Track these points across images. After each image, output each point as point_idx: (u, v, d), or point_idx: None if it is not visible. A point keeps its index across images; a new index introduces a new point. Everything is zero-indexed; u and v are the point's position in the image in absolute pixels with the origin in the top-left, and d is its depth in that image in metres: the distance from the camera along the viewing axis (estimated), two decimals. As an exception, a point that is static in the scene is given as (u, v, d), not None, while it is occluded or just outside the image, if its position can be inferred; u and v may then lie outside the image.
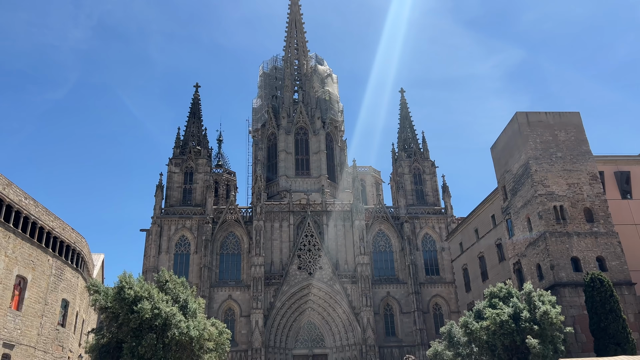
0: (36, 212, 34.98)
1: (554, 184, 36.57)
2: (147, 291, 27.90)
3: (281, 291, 57.31)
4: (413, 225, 63.52)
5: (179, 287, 30.65)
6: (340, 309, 57.51)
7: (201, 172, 64.86)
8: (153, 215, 60.28)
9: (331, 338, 57.32)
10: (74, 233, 40.34)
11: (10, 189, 32.30)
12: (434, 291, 60.65)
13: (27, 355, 33.18)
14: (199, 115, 71.08)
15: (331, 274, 58.53)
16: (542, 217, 35.65)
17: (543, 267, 35.65)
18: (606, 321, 29.21)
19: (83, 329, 44.28)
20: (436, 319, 58.21)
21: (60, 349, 37.44)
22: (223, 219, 61.21)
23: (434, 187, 67.65)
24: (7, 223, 31.72)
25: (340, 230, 62.31)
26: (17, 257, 32.61)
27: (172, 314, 26.75)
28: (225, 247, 60.95)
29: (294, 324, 58.04)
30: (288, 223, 61.92)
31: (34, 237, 34.51)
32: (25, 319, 33.13)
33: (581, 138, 38.23)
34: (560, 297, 32.67)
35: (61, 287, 37.78)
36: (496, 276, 43.75)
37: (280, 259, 59.99)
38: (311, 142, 71.20)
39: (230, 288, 58.12)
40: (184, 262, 58.88)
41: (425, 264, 62.24)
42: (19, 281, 33.01)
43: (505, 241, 42.62)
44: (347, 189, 69.34)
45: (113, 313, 27.33)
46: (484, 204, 48.13)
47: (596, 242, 34.92)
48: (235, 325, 55.32)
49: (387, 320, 58.98)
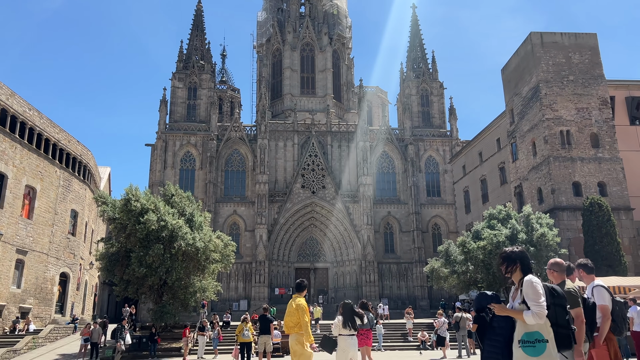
0: (41, 123, 34.99)
1: (563, 108, 36.06)
2: (153, 204, 28.45)
3: (285, 208, 58.50)
4: (417, 148, 63.50)
5: (185, 201, 31.23)
6: (342, 226, 58.99)
7: (205, 88, 63.95)
8: (158, 130, 60.27)
9: (332, 253, 59.31)
10: (79, 145, 40.59)
11: (14, 100, 32.09)
12: (434, 212, 61.82)
13: (41, 261, 34.63)
14: (202, 29, 68.87)
15: (334, 193, 59.40)
16: (548, 142, 35.49)
17: (544, 191, 36.02)
18: (601, 244, 29.99)
19: (93, 238, 45.85)
20: (435, 239, 59.79)
21: (72, 256, 39.00)
22: (227, 136, 61.19)
23: (441, 109, 66.82)
24: (13, 133, 31.83)
25: (345, 150, 62.42)
26: (25, 168, 33.06)
27: (178, 226, 27.43)
28: (230, 164, 61.46)
29: (297, 240, 59.83)
30: (292, 142, 61.92)
31: (40, 148, 34.77)
32: (37, 227, 34.20)
33: (595, 61, 37.14)
34: (558, 221, 33.33)
35: (69, 197, 38.62)
36: (497, 199, 44.36)
37: (285, 178, 60.66)
38: (317, 60, 69.38)
39: (235, 204, 59.32)
40: (189, 178, 59.67)
41: (427, 185, 62.93)
42: (28, 191, 33.71)
43: (509, 165, 42.78)
44: (352, 109, 68.56)
45: (121, 224, 28.03)
46: (490, 127, 47.79)
47: (599, 167, 35.02)
48: (240, 239, 57.08)
49: (386, 239, 60.67)
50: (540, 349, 3.84)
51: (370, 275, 56.17)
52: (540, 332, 3.91)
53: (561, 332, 3.93)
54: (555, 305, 3.98)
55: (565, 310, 3.94)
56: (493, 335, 4.06)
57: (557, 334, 3.93)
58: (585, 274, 6.22)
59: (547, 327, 3.92)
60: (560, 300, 3.99)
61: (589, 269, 6.33)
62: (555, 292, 4.04)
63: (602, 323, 5.83)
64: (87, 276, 43.96)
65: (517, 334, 3.94)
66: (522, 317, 3.85)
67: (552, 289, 4.06)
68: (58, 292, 37.37)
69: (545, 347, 3.87)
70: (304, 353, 8.06)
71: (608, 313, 5.87)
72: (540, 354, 3.84)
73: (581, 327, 5.15)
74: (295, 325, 8.27)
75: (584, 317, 5.27)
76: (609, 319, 5.88)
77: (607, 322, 5.85)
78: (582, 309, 5.33)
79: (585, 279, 6.26)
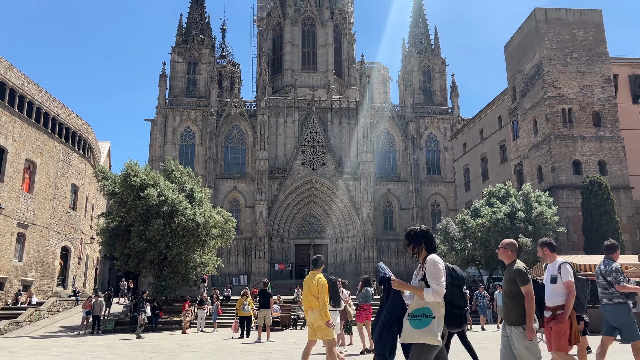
0: (40, 97, 34.78)
1: (565, 86, 35.80)
2: (153, 179, 28.46)
3: (285, 185, 58.59)
4: (418, 125, 63.26)
5: (185, 177, 31.23)
6: (342, 203, 59.17)
7: (205, 63, 63.36)
8: (157, 105, 59.95)
9: (331, 230, 59.62)
10: (79, 120, 40.43)
11: (12, 73, 31.83)
12: (434, 189, 61.95)
13: (42, 235, 34.83)
14: (201, 2, 67.87)
15: (334, 170, 59.41)
16: (549, 120, 35.34)
17: (544, 169, 36.02)
18: (599, 222, 30.12)
19: (93, 212, 46.03)
20: (434, 216, 60.05)
21: (72, 230, 39.21)
22: (227, 112, 60.89)
23: (443, 86, 66.34)
24: (12, 107, 31.67)
25: (345, 127, 62.18)
26: (25, 142, 32.99)
27: (178, 202, 27.48)
28: (230, 139, 61.31)
29: (297, 216, 60.09)
30: (293, 119, 61.65)
31: (40, 122, 34.63)
32: (37, 201, 34.30)
33: (600, 38, 36.71)
34: (557, 199, 33.40)
35: (70, 172, 38.64)
36: (496, 177, 44.38)
37: (285, 154, 60.57)
38: (318, 35, 68.54)
39: (235, 180, 59.39)
40: (189, 153, 59.61)
41: (427, 163, 62.91)
42: (28, 165, 33.70)
43: (509, 143, 42.68)
44: (353, 85, 68.01)
45: (121, 199, 28.08)
46: (491, 105, 47.52)
47: (600, 146, 34.95)
48: (240, 214, 57.31)
49: (386, 216, 60.94)
50: (425, 323, 3.97)
51: (370, 251, 56.61)
52: (430, 309, 4.02)
53: (455, 312, 4.09)
54: (452, 285, 4.10)
55: (461, 291, 4.07)
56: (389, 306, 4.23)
57: (452, 313, 4.08)
58: (549, 252, 6.38)
59: (439, 305, 4.02)
60: (458, 281, 4.13)
61: (553, 248, 6.49)
62: (455, 272, 4.17)
63: (567, 299, 5.99)
64: (88, 250, 44.29)
65: (410, 307, 4.06)
66: (421, 294, 3.95)
67: (452, 269, 4.18)
68: (59, 265, 37.70)
69: (430, 322, 3.98)
70: (326, 328, 8.34)
71: (574, 289, 6.01)
72: (423, 327, 3.96)
73: (531, 304, 5.39)
74: (316, 300, 8.55)
75: (533, 294, 5.47)
76: (574, 295, 6.02)
77: (572, 298, 5.99)
78: (531, 286, 5.52)
79: (549, 257, 6.41)
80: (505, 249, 5.88)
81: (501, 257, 5.95)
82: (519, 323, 5.44)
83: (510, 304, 5.61)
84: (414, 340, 4.00)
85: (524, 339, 5.40)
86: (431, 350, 4.08)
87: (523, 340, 5.40)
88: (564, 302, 6.09)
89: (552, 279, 6.26)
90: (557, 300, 6.16)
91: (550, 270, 6.36)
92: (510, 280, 5.68)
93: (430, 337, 3.96)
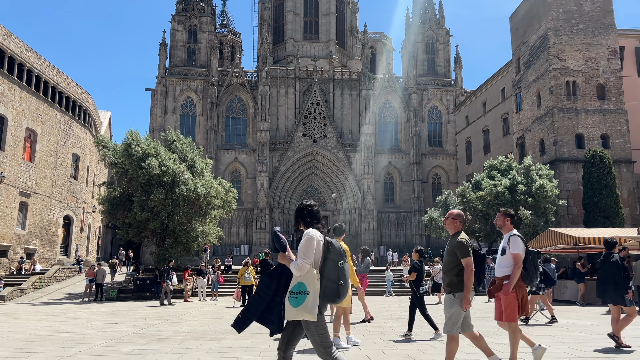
0: (39, 65, 34.44)
1: (571, 58, 35.34)
2: (154, 149, 28.44)
3: (286, 156, 58.51)
4: (421, 97, 62.74)
5: (186, 147, 31.19)
6: (343, 175, 59.20)
7: (205, 31, 62.44)
8: (157, 74, 59.40)
9: (332, 202, 59.83)
10: (79, 89, 40.12)
11: (11, 40, 31.43)
12: (435, 162, 61.87)
13: (44, 204, 35.00)
14: (202, -31, 66.43)
15: (335, 142, 59.23)
16: (553, 92, 35.02)
17: (546, 142, 35.88)
18: (600, 196, 30.17)
19: (95, 182, 46.14)
20: (434, 189, 60.16)
21: (74, 199, 39.39)
22: (228, 82, 60.34)
23: (447, 57, 65.49)
24: (11, 75, 31.39)
25: (347, 99, 61.71)
26: (25, 110, 32.82)
27: (179, 172, 27.53)
28: (231, 110, 60.95)
29: (298, 188, 60.21)
30: (294, 89, 61.12)
31: (39, 91, 34.38)
32: (39, 170, 34.34)
33: (607, 9, 36.05)
34: (558, 172, 33.39)
35: (70, 141, 38.57)
36: (498, 150, 44.28)
37: (286, 126, 60.29)
38: (321, 3, 67.33)
39: (236, 151, 59.29)
40: (190, 124, 59.36)
41: (429, 135, 62.64)
42: (28, 134, 33.62)
43: (512, 115, 42.42)
44: (356, 56, 67.18)
45: (122, 168, 28.12)
46: (495, 77, 47.05)
47: (604, 119, 34.73)
48: (241, 186, 57.44)
49: (386, 188, 61.05)
50: (300, 300, 4.01)
51: (370, 223, 56.93)
52: (304, 284, 4.05)
53: (330, 285, 4.10)
54: (328, 259, 4.13)
55: (337, 264, 4.09)
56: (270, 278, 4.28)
57: (326, 287, 4.09)
58: (509, 224, 6.44)
59: (313, 280, 4.06)
60: (334, 256, 4.15)
61: (513, 220, 6.60)
62: (332, 246, 4.18)
63: (513, 270, 6.06)
64: (90, 219, 44.58)
65: (291, 284, 4.11)
66: (288, 264, 4.04)
67: (330, 243, 4.18)
68: (62, 234, 38.01)
69: (305, 299, 4.01)
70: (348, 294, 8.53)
71: (520, 261, 6.08)
72: (299, 305, 4.01)
73: (470, 276, 5.58)
74: None
75: (473, 266, 5.65)
76: (520, 267, 6.08)
77: (518, 270, 6.06)
78: (471, 258, 5.68)
79: (507, 227, 6.46)
80: (454, 219, 6.00)
81: (448, 227, 6.07)
82: (452, 290, 5.67)
83: (448, 273, 5.81)
84: (293, 318, 4.07)
85: (452, 306, 5.64)
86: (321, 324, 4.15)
87: (450, 307, 5.64)
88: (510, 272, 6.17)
89: (502, 250, 6.36)
90: (504, 271, 6.24)
91: (503, 242, 6.44)
92: (451, 251, 5.82)
93: (306, 314, 4.02)
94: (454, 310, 5.61)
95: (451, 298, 5.68)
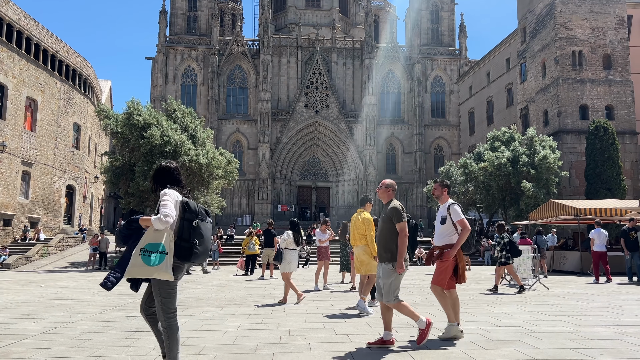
0: (38, 33, 33.98)
1: (577, 27, 34.74)
2: (155, 118, 28.32)
3: (287, 127, 58.27)
4: (424, 67, 62.00)
5: (188, 117, 31.04)
6: (344, 146, 59.06)
7: (206, -1, 61.39)
8: (158, 43, 58.66)
9: (334, 173, 59.88)
10: (78, 57, 39.69)
11: (9, 7, 30.93)
12: (438, 133, 61.59)
13: (46, 173, 35.08)
14: None
15: (337, 113, 58.87)
16: (558, 62, 34.56)
17: (550, 113, 35.61)
18: (602, 167, 30.10)
19: (96, 151, 46.11)
20: (436, 160, 60.08)
21: (76, 169, 39.44)
22: (229, 50, 59.61)
23: (451, 26, 64.43)
24: (10, 43, 31.01)
25: (350, 68, 61.02)
26: (25, 79, 32.55)
27: (181, 142, 27.47)
28: (232, 80, 60.40)
29: (299, 159, 60.17)
30: (296, 59, 60.41)
31: (39, 59, 34.02)
32: (40, 139, 34.29)
33: (617, -24, 35.24)
34: (561, 144, 33.24)
35: (71, 111, 38.38)
36: (502, 121, 43.99)
37: (288, 96, 59.83)
38: (323, -30, 65.97)
39: (237, 121, 59.02)
40: (191, 93, 58.94)
41: (432, 106, 62.17)
42: (29, 103, 33.42)
43: (516, 86, 41.98)
44: (359, 24, 66.14)
45: (124, 138, 28.03)
46: (500, 46, 46.37)
47: (609, 90, 34.36)
48: (243, 156, 57.43)
49: (388, 159, 60.98)
50: (157, 259, 4.01)
51: (371, 194, 57.03)
52: (163, 244, 4.04)
53: (183, 245, 4.11)
54: (184, 219, 4.13)
55: (191, 224, 4.10)
56: None
57: (180, 247, 4.11)
58: (445, 194, 6.47)
59: (169, 240, 4.07)
60: (189, 215, 4.15)
61: (449, 190, 6.62)
62: (189, 206, 4.18)
63: (462, 233, 6.10)
64: (92, 189, 44.74)
65: (142, 242, 4.06)
66: (149, 223, 3.99)
67: (186, 203, 4.18)
68: (65, 203, 38.21)
69: (164, 259, 4.02)
70: (370, 262, 8.80)
71: (467, 226, 6.12)
72: (156, 263, 4.00)
73: (404, 240, 5.60)
74: (362, 237, 8.97)
75: (407, 231, 5.69)
76: (469, 230, 6.12)
77: (466, 233, 6.09)
78: (406, 223, 5.72)
79: (444, 198, 6.49)
80: (387, 188, 6.06)
81: (381, 197, 6.10)
82: (389, 260, 5.66)
83: (383, 242, 5.78)
84: (148, 276, 4.05)
85: (390, 276, 5.62)
86: (170, 284, 4.18)
87: (389, 276, 5.62)
88: (452, 241, 6.20)
89: (442, 220, 6.35)
90: (445, 240, 6.27)
91: (441, 211, 6.45)
92: (386, 218, 5.82)
93: (162, 273, 4.02)
94: (393, 279, 5.62)
95: (390, 268, 5.64)
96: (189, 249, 4.10)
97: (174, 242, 4.11)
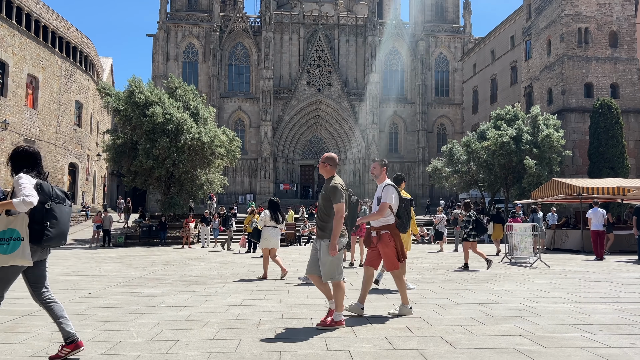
0: (37, 9, 33.64)
1: (584, 4, 34.21)
2: (157, 96, 28.23)
3: (290, 105, 57.96)
4: (428, 44, 61.28)
5: (189, 95, 30.92)
6: (347, 125, 58.82)
7: (207, -26, 60.45)
8: (159, 19, 58.02)
9: (336, 152, 59.72)
10: (79, 34, 39.35)
11: (7, -17, 30.55)
12: (441, 112, 61.20)
13: (49, 151, 35.10)
14: None
15: (340, 91, 58.47)
16: (564, 40, 34.12)
17: (554, 91, 35.31)
18: (606, 146, 29.97)
19: (98, 129, 46.07)
20: (439, 139, 59.84)
21: (79, 147, 39.47)
22: (231, 27, 58.96)
23: (455, 2, 63.45)
24: (10, 19, 30.73)
25: (352, 46, 60.39)
26: (25, 56, 32.35)
27: (183, 120, 27.42)
28: (234, 57, 59.88)
29: (302, 137, 60.01)
30: (298, 36, 59.76)
31: (39, 36, 33.75)
32: (42, 117, 34.23)
33: (625, -49, 34.54)
34: (565, 122, 33.05)
35: (73, 88, 38.22)
36: (505, 99, 43.68)
37: (290, 73, 59.37)
38: (326, -55, 64.76)
39: (239, 99, 58.71)
40: (192, 71, 58.51)
41: (436, 84, 61.64)
42: (30, 80, 33.28)
43: (521, 64, 41.55)
44: (362, 0, 65.21)
45: (126, 116, 27.99)
46: (504, 23, 45.77)
47: (614, 68, 33.99)
48: (245, 135, 57.30)
49: (391, 138, 60.76)
50: (14, 246, 3.94)
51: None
52: (18, 231, 3.96)
53: (35, 227, 4.03)
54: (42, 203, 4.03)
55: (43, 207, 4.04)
56: None
57: (32, 229, 4.04)
58: (384, 174, 6.40)
59: (24, 225, 3.99)
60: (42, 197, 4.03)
61: (387, 170, 6.54)
62: (42, 188, 4.09)
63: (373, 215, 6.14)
64: (95, 167, 44.83)
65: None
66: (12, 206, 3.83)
67: (40, 185, 4.09)
68: (68, 181, 38.33)
69: (20, 245, 3.95)
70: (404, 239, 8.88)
71: (384, 210, 6.06)
72: (13, 251, 3.93)
73: (339, 222, 5.45)
74: None
75: (343, 212, 5.54)
76: (382, 214, 6.07)
77: (378, 216, 6.07)
78: (343, 204, 5.56)
79: (382, 177, 6.41)
80: (324, 163, 5.85)
81: (321, 172, 5.92)
82: (329, 237, 5.55)
83: (323, 220, 5.68)
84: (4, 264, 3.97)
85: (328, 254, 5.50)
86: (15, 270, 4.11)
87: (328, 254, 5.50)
88: (387, 222, 6.15)
89: (378, 200, 6.29)
90: (381, 222, 6.20)
91: (377, 191, 6.38)
92: (325, 196, 5.71)
93: (19, 259, 3.98)
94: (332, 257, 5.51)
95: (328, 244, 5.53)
96: (40, 231, 4.01)
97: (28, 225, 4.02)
